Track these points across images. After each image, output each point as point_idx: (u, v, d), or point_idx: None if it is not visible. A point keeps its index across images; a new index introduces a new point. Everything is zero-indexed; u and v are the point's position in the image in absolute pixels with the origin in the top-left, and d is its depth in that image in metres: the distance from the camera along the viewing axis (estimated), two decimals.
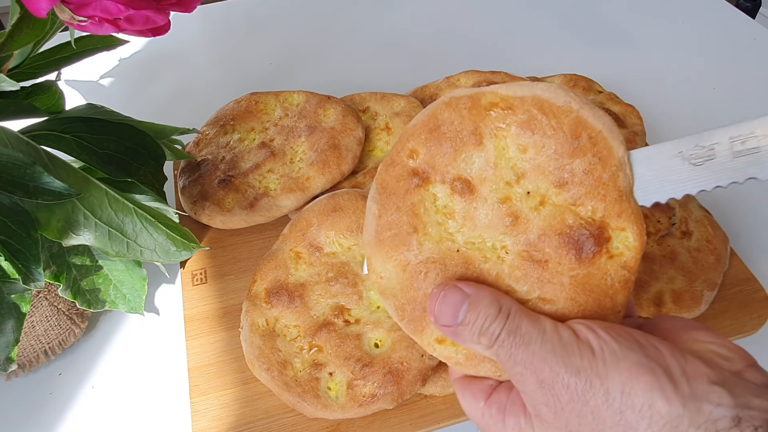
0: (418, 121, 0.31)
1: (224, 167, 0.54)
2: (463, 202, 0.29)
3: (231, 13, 0.88)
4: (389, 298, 0.30)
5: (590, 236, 0.28)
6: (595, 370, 0.24)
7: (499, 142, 0.29)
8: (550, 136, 0.28)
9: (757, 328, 0.45)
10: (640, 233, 0.28)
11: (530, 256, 0.28)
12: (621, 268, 0.28)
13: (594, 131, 0.28)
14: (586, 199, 0.28)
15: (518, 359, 0.25)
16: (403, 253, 0.29)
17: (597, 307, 0.27)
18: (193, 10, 0.35)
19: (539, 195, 0.28)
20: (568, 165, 0.28)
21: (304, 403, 0.40)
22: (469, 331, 0.26)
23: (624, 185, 0.28)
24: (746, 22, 0.83)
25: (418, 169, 0.30)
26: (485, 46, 0.80)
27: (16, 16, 0.34)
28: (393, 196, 0.30)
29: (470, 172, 0.29)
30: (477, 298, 0.27)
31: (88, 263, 0.45)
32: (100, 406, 0.46)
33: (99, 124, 0.42)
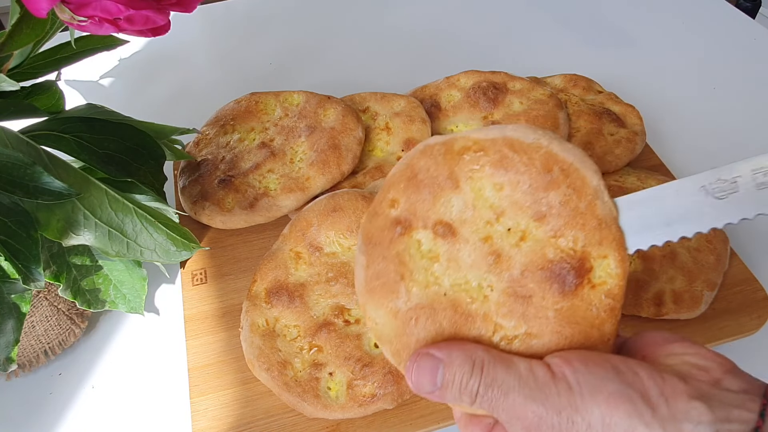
0: (396, 171, 0.31)
1: (224, 167, 0.54)
2: (446, 245, 0.30)
3: (231, 13, 0.89)
4: (385, 344, 0.31)
5: (571, 269, 0.28)
6: (574, 406, 0.24)
7: (475, 184, 0.30)
8: (523, 173, 0.29)
9: (757, 328, 0.45)
10: (622, 260, 0.28)
11: (515, 292, 0.29)
12: (605, 297, 0.28)
13: (565, 164, 0.29)
14: (565, 230, 0.28)
15: (501, 409, 0.25)
16: (393, 300, 0.30)
17: (584, 339, 0.28)
18: (193, 10, 0.35)
19: (519, 231, 0.29)
20: (544, 198, 0.29)
21: (304, 403, 0.40)
22: (450, 392, 0.27)
23: (602, 213, 0.28)
24: (746, 22, 0.83)
25: (399, 217, 0.30)
26: (485, 46, 0.80)
27: (16, 16, 0.34)
28: (378, 246, 0.31)
29: (450, 216, 0.30)
30: (450, 359, 0.27)
31: (88, 263, 0.45)
32: (100, 406, 0.46)
33: (99, 124, 0.42)
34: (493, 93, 0.58)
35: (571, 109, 0.59)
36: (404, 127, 0.56)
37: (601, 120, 0.58)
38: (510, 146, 0.29)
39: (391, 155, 0.56)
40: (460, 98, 0.59)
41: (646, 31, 0.82)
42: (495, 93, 0.58)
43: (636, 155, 0.56)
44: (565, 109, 0.57)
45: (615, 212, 0.29)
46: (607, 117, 0.58)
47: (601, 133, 0.56)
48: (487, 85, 0.59)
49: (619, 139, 0.56)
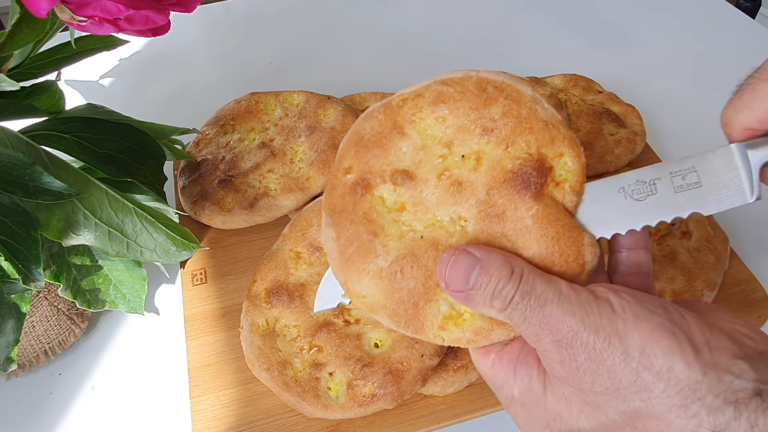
0: (344, 142, 0.32)
1: (224, 167, 0.54)
2: (408, 192, 0.30)
3: (231, 13, 0.89)
4: (380, 311, 0.30)
5: (532, 170, 0.28)
6: (614, 328, 0.23)
7: (419, 125, 0.30)
8: (460, 99, 0.29)
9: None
10: (577, 155, 0.29)
11: (488, 214, 0.29)
12: (569, 193, 0.28)
13: (497, 82, 0.30)
14: (515, 137, 0.29)
15: (533, 320, 0.25)
16: (373, 261, 0.30)
17: (569, 232, 0.28)
18: (193, 10, 0.35)
19: (473, 153, 0.29)
20: (486, 113, 0.29)
21: (304, 403, 0.40)
22: (482, 295, 0.26)
23: (546, 116, 0.29)
24: (746, 22, 0.83)
25: (357, 179, 0.31)
26: (485, 46, 0.80)
27: (16, 16, 0.34)
28: (344, 212, 0.31)
29: (404, 162, 0.30)
30: (488, 261, 0.26)
31: (88, 263, 0.45)
32: (100, 406, 0.46)
33: (99, 124, 0.42)
34: None
35: (571, 109, 0.59)
36: None
37: (601, 120, 0.58)
38: (443, 83, 0.30)
39: None
40: None
41: (646, 31, 0.82)
42: None
43: (636, 155, 0.56)
44: (565, 109, 0.57)
45: (558, 115, 0.29)
46: (607, 117, 0.58)
47: (601, 133, 0.56)
48: None
49: (619, 139, 0.56)
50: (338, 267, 0.31)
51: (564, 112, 0.56)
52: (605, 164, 0.54)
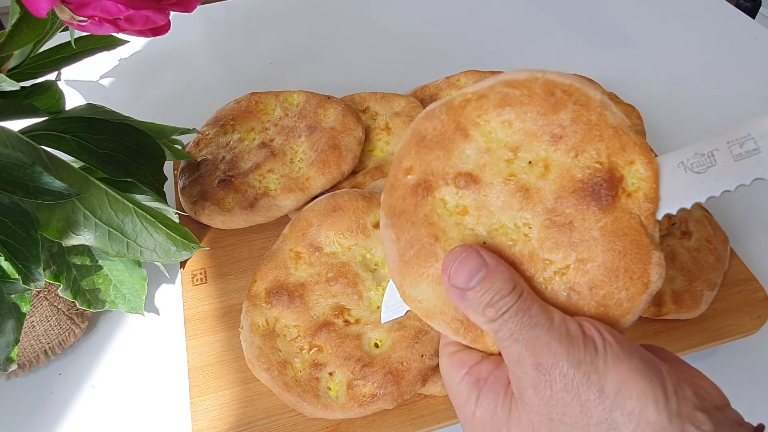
0: (404, 141, 0.31)
1: (224, 167, 0.54)
2: (472, 195, 0.29)
3: (231, 13, 0.89)
4: (436, 318, 0.29)
5: (602, 182, 0.27)
6: (595, 365, 0.24)
7: (484, 128, 0.29)
8: (527, 103, 0.29)
9: (757, 328, 0.45)
10: (649, 161, 0.28)
11: (554, 223, 0.28)
12: (643, 201, 0.28)
13: (565, 85, 0.29)
14: (584, 145, 0.28)
15: (520, 339, 0.25)
16: (433, 265, 0.29)
17: (636, 247, 0.27)
18: (193, 10, 0.35)
19: (541, 160, 0.28)
20: (555, 119, 0.28)
21: (304, 403, 0.40)
22: (478, 299, 0.26)
23: (615, 121, 0.28)
24: (746, 22, 0.83)
25: (419, 181, 0.30)
26: (485, 46, 0.80)
27: (16, 16, 0.34)
28: (404, 214, 0.30)
29: (468, 165, 0.29)
30: (495, 270, 0.26)
31: (88, 263, 0.45)
32: (100, 406, 0.46)
33: (99, 124, 0.42)
34: None
35: None
36: (404, 127, 0.56)
37: None
38: (508, 85, 0.29)
39: (391, 155, 0.56)
40: None
41: (646, 31, 0.82)
42: None
43: None
44: None
45: (627, 120, 0.29)
46: None
47: None
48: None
49: None
50: (396, 270, 0.30)
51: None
52: None
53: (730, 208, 0.58)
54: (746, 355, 0.48)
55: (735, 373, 0.47)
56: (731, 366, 0.47)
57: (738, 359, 0.48)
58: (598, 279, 0.27)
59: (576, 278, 0.27)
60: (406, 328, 0.41)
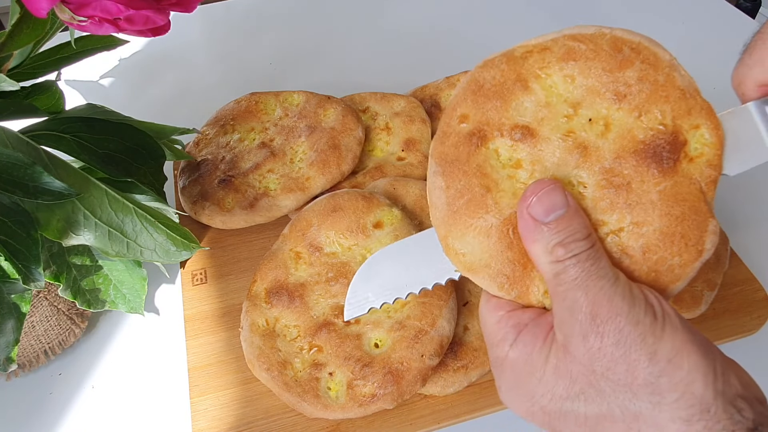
0: (459, 89, 0.30)
1: (224, 167, 0.54)
2: (527, 149, 0.28)
3: (231, 13, 0.88)
4: (480, 272, 0.28)
5: (665, 144, 0.27)
6: (653, 328, 0.24)
7: (545, 81, 0.29)
8: (592, 59, 0.28)
9: (757, 328, 0.45)
10: (715, 127, 0.27)
11: (611, 183, 0.27)
12: (706, 167, 0.27)
13: (633, 43, 0.28)
14: (649, 105, 0.27)
15: (583, 285, 0.24)
16: (482, 216, 0.28)
17: (695, 214, 0.27)
18: (193, 10, 0.35)
19: (601, 118, 0.28)
20: (620, 77, 0.27)
21: (304, 403, 0.40)
22: (552, 234, 0.25)
23: (683, 84, 0.27)
24: (746, 22, 0.83)
25: (473, 130, 0.29)
26: (485, 46, 0.80)
27: (16, 16, 0.34)
28: (456, 162, 0.29)
29: (525, 118, 0.29)
30: (575, 212, 0.26)
31: (88, 263, 0.45)
32: (100, 406, 0.46)
33: (99, 124, 0.42)
34: None
35: None
36: (404, 127, 0.56)
37: None
38: (573, 39, 0.28)
39: (391, 155, 0.56)
40: None
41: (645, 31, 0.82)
42: None
43: None
44: None
45: (695, 84, 0.28)
46: None
47: None
48: None
49: None
50: (442, 219, 0.29)
51: None
52: None
53: (731, 208, 0.58)
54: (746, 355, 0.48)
55: None
56: None
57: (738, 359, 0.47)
58: (652, 243, 0.26)
59: (630, 241, 0.27)
60: (406, 328, 0.41)
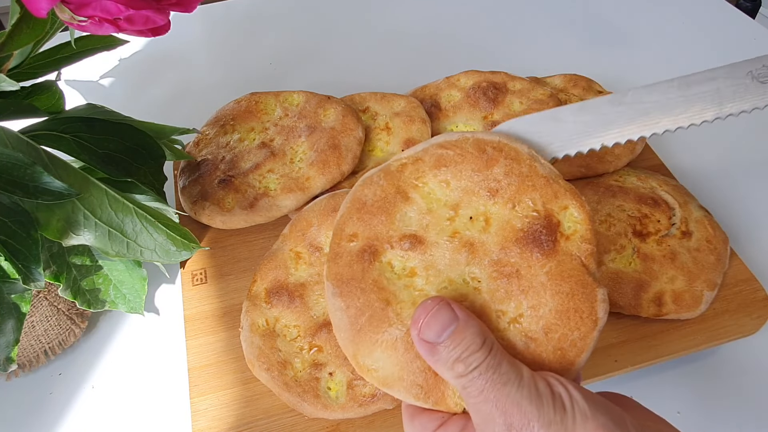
0: (344, 209, 0.32)
1: (224, 167, 0.54)
2: (418, 256, 0.30)
3: (231, 13, 0.89)
4: (394, 385, 0.29)
5: (542, 228, 0.29)
6: (564, 424, 0.24)
7: (423, 189, 0.31)
8: (461, 162, 0.30)
9: (757, 328, 0.45)
10: (581, 205, 0.30)
11: (502, 273, 0.29)
12: (582, 243, 0.29)
13: (494, 142, 0.31)
14: (520, 195, 0.30)
15: (490, 397, 0.25)
16: (386, 330, 0.29)
17: (582, 287, 0.28)
18: (193, 10, 0.35)
19: (481, 214, 0.30)
20: (489, 174, 0.30)
21: (304, 403, 0.40)
22: (447, 354, 0.26)
23: (545, 172, 0.30)
24: (746, 22, 0.83)
25: (364, 247, 0.30)
26: (485, 46, 0.80)
27: (16, 16, 0.34)
28: (352, 281, 0.30)
29: (412, 227, 0.30)
30: (466, 324, 0.26)
31: (88, 263, 0.45)
32: (100, 406, 0.46)
33: (99, 124, 0.42)
34: (493, 93, 0.58)
35: None
36: (404, 127, 0.56)
37: None
38: (441, 147, 0.31)
39: (391, 155, 0.56)
40: (460, 98, 0.59)
41: (646, 31, 0.82)
42: (495, 93, 0.58)
43: (636, 155, 0.56)
44: None
45: (554, 169, 0.31)
46: None
47: None
48: (487, 85, 0.59)
49: None
50: (348, 339, 0.30)
51: None
52: (605, 164, 0.54)
53: (731, 208, 0.58)
54: (746, 355, 0.48)
55: (735, 373, 0.47)
56: (731, 366, 0.47)
57: (738, 359, 0.48)
58: (551, 323, 0.28)
59: (531, 325, 0.28)
60: None
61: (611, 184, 0.52)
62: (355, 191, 0.32)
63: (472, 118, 0.58)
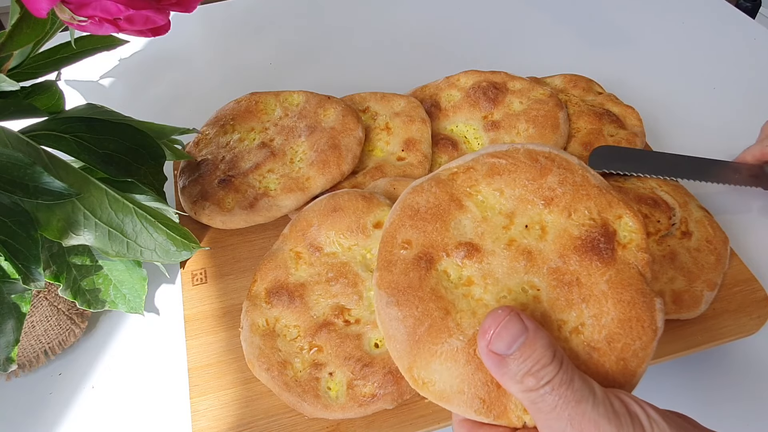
0: (394, 217, 0.31)
1: (224, 167, 0.54)
2: (475, 265, 0.29)
3: (231, 13, 0.88)
4: (454, 399, 0.28)
5: (600, 236, 0.29)
6: None
7: (477, 198, 0.30)
8: (514, 171, 0.30)
9: (757, 328, 0.45)
10: (635, 214, 0.29)
11: (561, 281, 0.28)
12: (637, 252, 0.29)
13: (545, 152, 0.30)
14: (576, 204, 0.29)
15: (564, 415, 0.24)
16: (446, 340, 0.28)
17: (641, 296, 0.28)
18: (193, 10, 0.35)
19: (537, 223, 0.29)
20: (544, 183, 0.30)
21: (304, 403, 0.40)
22: (517, 367, 0.25)
23: (597, 182, 0.30)
24: (746, 22, 0.83)
25: (419, 254, 0.30)
26: (485, 46, 0.80)
27: (16, 16, 0.34)
28: (410, 289, 0.29)
29: (467, 235, 0.30)
30: (536, 336, 0.25)
31: (88, 263, 0.45)
32: (100, 406, 0.46)
33: (99, 124, 0.42)
34: (493, 93, 0.58)
35: (571, 109, 0.59)
36: (404, 127, 0.56)
37: (602, 121, 0.58)
38: (492, 156, 0.31)
39: (391, 155, 0.56)
40: (460, 98, 0.59)
41: (646, 31, 0.82)
42: (495, 93, 0.58)
43: None
44: (566, 109, 0.57)
45: (605, 180, 0.31)
46: (608, 118, 0.58)
47: (602, 133, 0.56)
48: (487, 85, 0.59)
49: (619, 140, 0.56)
50: (405, 350, 0.29)
51: (564, 112, 0.56)
52: None
53: (731, 208, 0.58)
54: (746, 355, 0.48)
55: (735, 373, 0.47)
56: (731, 366, 0.47)
57: (738, 359, 0.48)
58: (614, 332, 0.27)
59: (593, 335, 0.27)
60: None
61: (611, 184, 0.52)
62: (405, 199, 0.31)
63: (472, 118, 0.58)
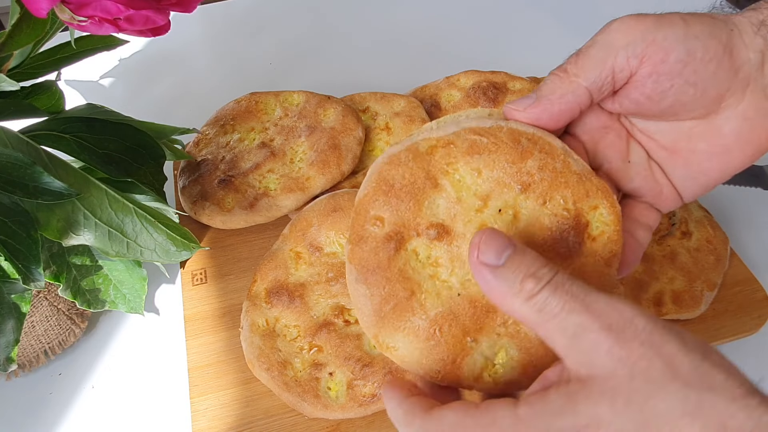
0: (368, 189, 0.30)
1: (224, 167, 0.54)
2: (444, 246, 0.29)
3: (231, 13, 0.88)
4: (414, 366, 0.29)
5: (570, 229, 0.29)
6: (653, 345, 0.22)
7: (453, 176, 0.30)
8: (495, 151, 0.29)
9: (757, 328, 0.45)
10: (612, 204, 0.29)
11: None
12: (608, 243, 0.29)
13: (528, 134, 0.30)
14: (552, 192, 0.29)
15: (576, 306, 0.22)
16: (409, 319, 0.29)
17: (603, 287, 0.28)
18: (193, 10, 0.35)
19: (510, 207, 0.29)
20: (523, 167, 0.29)
21: (304, 403, 0.40)
22: (513, 273, 0.23)
23: (578, 168, 0.29)
24: None
25: (390, 233, 0.29)
26: (485, 46, 0.80)
27: (16, 16, 0.34)
28: (378, 270, 0.29)
29: (439, 216, 0.29)
30: (524, 248, 0.24)
31: (88, 263, 0.45)
32: (100, 406, 0.46)
33: (99, 124, 0.42)
34: (493, 93, 0.58)
35: None
36: (404, 127, 0.56)
37: None
38: (474, 132, 0.30)
39: None
40: (460, 98, 0.59)
41: None
42: (495, 93, 0.58)
43: None
44: None
45: (587, 166, 0.30)
46: None
47: None
48: (487, 85, 0.59)
49: None
50: (371, 323, 0.29)
51: None
52: None
53: (731, 208, 0.58)
54: (746, 355, 0.48)
55: None
56: None
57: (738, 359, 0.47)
58: None
59: None
60: None
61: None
62: (381, 170, 0.30)
63: None
